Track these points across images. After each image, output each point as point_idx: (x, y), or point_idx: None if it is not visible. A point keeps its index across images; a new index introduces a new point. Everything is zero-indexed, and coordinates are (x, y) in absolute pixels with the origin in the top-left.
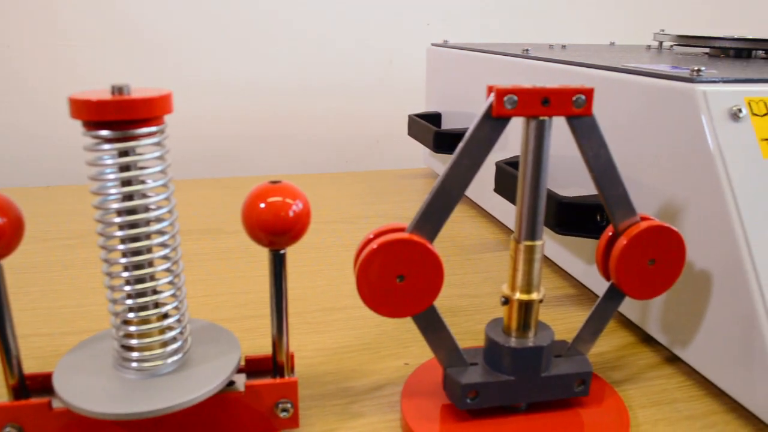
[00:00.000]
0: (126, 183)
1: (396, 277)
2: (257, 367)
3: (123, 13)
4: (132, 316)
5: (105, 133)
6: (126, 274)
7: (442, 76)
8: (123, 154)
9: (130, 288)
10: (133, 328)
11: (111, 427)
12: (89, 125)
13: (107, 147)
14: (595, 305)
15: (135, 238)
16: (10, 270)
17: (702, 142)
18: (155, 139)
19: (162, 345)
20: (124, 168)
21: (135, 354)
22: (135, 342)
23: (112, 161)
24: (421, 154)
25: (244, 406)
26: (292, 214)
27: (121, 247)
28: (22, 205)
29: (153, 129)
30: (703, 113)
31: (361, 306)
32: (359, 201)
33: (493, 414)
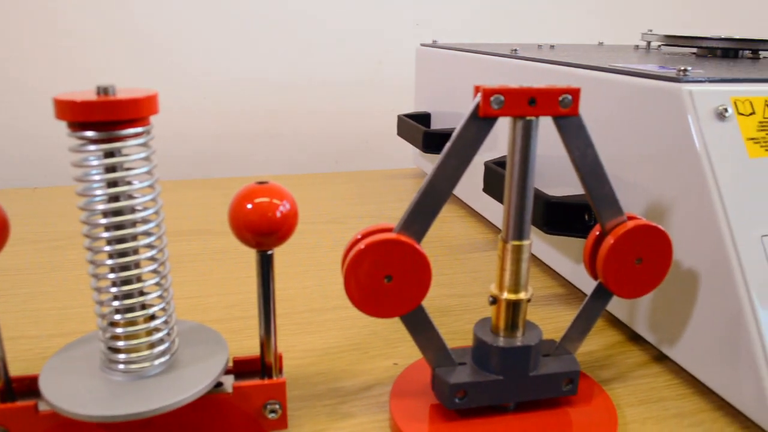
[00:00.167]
0: (112, 184)
1: (384, 277)
2: (245, 368)
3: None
4: (119, 317)
5: (90, 134)
6: (112, 275)
7: (431, 76)
8: (108, 155)
9: (116, 289)
10: (119, 330)
11: (98, 430)
12: (74, 126)
13: (93, 148)
14: (583, 304)
15: (121, 240)
16: None
17: (688, 142)
18: (141, 139)
19: (149, 346)
20: (110, 169)
21: (122, 356)
22: (122, 344)
23: (97, 162)
24: (411, 154)
25: (232, 408)
26: (279, 214)
27: (108, 248)
28: (9, 206)
29: (139, 130)
30: (689, 113)
31: (350, 306)
32: (348, 201)
33: (482, 414)
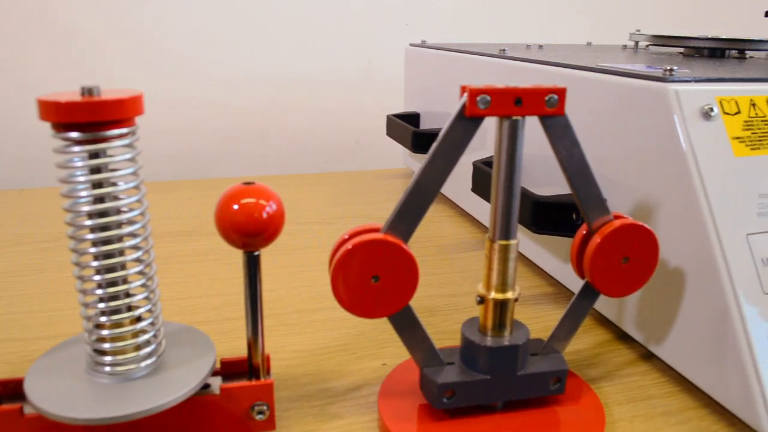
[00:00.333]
0: (97, 185)
1: (371, 277)
2: (233, 369)
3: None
4: (104, 319)
5: (74, 135)
6: (98, 277)
7: (421, 76)
8: (93, 156)
9: (102, 291)
10: (105, 332)
11: None
12: (58, 127)
13: (77, 149)
14: (570, 303)
15: (107, 241)
16: None
17: (674, 141)
18: (126, 140)
19: (135, 348)
20: (95, 170)
21: (108, 358)
22: (108, 346)
23: (82, 163)
24: (400, 154)
25: (219, 409)
26: (265, 215)
27: (93, 250)
28: None
29: (124, 131)
30: (675, 112)
31: (338, 307)
32: (338, 202)
33: (470, 413)
